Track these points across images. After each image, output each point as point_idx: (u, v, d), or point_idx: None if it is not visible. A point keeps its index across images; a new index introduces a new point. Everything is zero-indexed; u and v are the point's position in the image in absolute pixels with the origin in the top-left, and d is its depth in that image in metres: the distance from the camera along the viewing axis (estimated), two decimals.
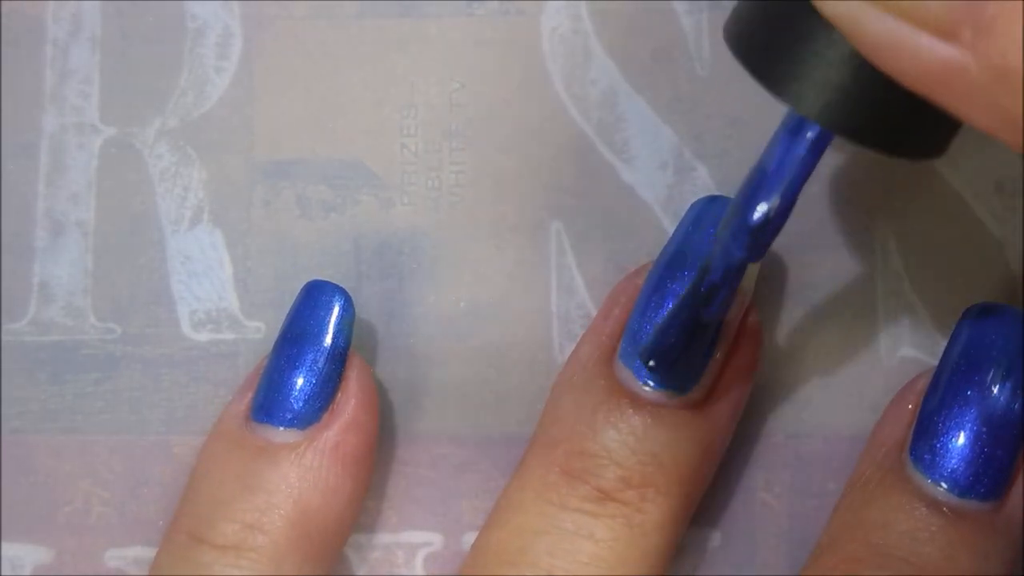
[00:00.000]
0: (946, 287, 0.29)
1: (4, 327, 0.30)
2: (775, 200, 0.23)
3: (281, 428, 0.27)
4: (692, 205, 0.28)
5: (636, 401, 0.26)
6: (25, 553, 0.30)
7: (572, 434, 0.26)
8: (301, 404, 0.27)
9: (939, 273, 0.29)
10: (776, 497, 0.29)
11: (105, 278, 0.30)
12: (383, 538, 0.29)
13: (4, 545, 0.30)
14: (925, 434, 0.26)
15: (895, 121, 0.21)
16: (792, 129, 0.23)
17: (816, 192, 0.30)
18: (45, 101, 0.31)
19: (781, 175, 0.23)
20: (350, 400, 0.27)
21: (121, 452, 0.30)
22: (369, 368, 0.28)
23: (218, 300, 0.30)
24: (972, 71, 0.18)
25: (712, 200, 0.28)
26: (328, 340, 0.28)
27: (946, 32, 0.18)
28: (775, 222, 0.23)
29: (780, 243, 0.30)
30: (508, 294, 0.30)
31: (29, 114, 0.31)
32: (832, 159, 0.30)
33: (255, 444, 0.27)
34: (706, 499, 0.28)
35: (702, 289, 0.25)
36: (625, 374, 0.27)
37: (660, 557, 0.26)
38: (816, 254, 0.30)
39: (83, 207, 0.31)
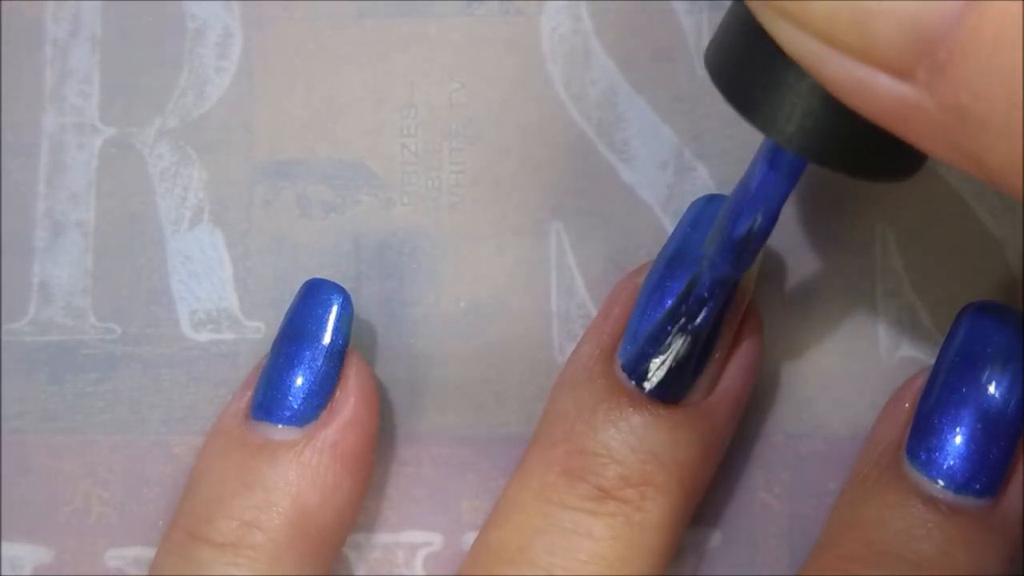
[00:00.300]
0: (946, 287, 0.29)
1: (4, 327, 0.30)
2: (757, 217, 0.24)
3: (280, 426, 0.27)
4: (691, 204, 0.28)
5: (636, 400, 0.26)
6: (25, 553, 0.30)
7: (572, 433, 0.26)
8: (300, 402, 0.27)
9: (939, 273, 0.29)
10: (776, 497, 0.29)
11: (105, 278, 0.30)
12: (383, 538, 0.29)
13: (4, 545, 0.30)
14: (921, 432, 0.26)
15: (865, 147, 0.22)
16: (768, 155, 0.24)
17: (816, 192, 0.30)
18: (45, 101, 0.31)
19: (762, 194, 0.24)
20: (349, 398, 0.27)
21: (121, 452, 0.30)
22: (368, 366, 0.28)
23: (218, 300, 0.30)
24: (929, 110, 0.18)
25: (711, 199, 0.28)
26: (326, 338, 0.28)
27: (902, 72, 0.19)
28: (758, 237, 0.25)
29: (780, 243, 0.30)
30: (508, 294, 0.30)
31: (29, 114, 0.31)
32: None
33: (254, 442, 0.27)
34: (706, 499, 0.28)
35: (689, 304, 0.26)
36: (624, 374, 0.27)
37: (660, 556, 0.26)
38: (816, 254, 0.30)
39: (83, 207, 0.31)
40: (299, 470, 0.27)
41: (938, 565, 0.25)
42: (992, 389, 0.26)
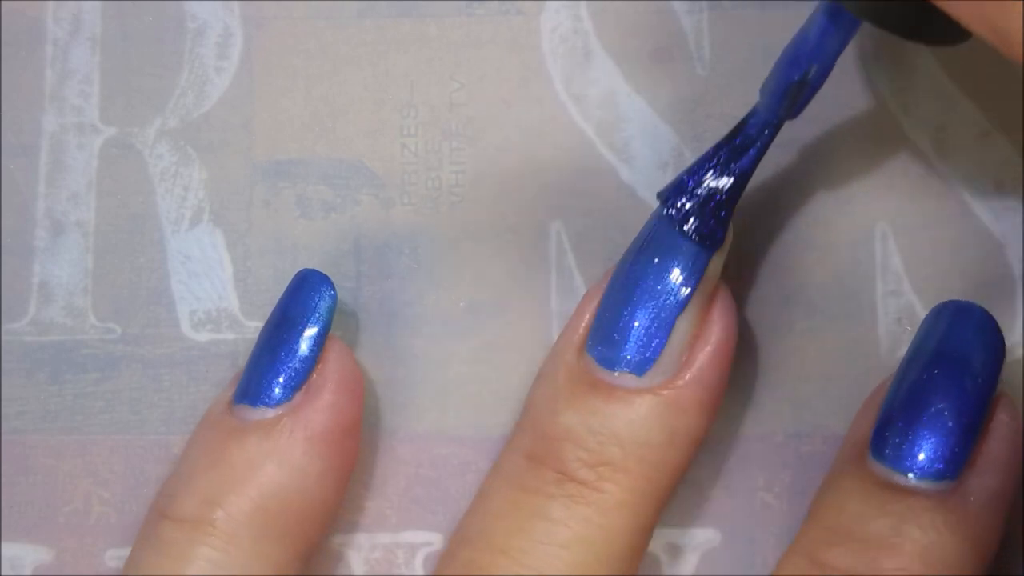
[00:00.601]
0: (946, 287, 0.29)
1: (4, 327, 0.30)
2: (812, 67, 0.26)
3: (257, 407, 0.27)
4: (658, 194, 0.28)
5: (597, 384, 0.27)
6: (25, 553, 0.30)
7: (537, 420, 0.27)
8: (274, 385, 0.27)
9: (939, 273, 0.29)
10: (776, 497, 0.29)
11: (105, 278, 0.30)
12: (383, 538, 0.29)
13: (4, 545, 0.30)
14: (883, 424, 0.26)
15: (916, 9, 0.23)
16: (826, 12, 0.25)
17: (816, 192, 0.30)
18: (45, 101, 0.31)
19: (819, 47, 0.26)
20: (325, 382, 0.28)
21: (121, 452, 0.30)
22: (351, 353, 0.28)
23: (218, 300, 0.30)
24: None
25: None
26: (306, 324, 0.28)
27: None
28: (811, 87, 0.26)
29: (780, 243, 0.30)
30: (508, 294, 0.30)
31: (29, 114, 0.31)
32: (833, 157, 0.30)
33: (229, 424, 0.27)
34: (706, 499, 0.28)
35: (736, 142, 0.27)
36: (589, 362, 0.27)
37: (623, 537, 0.26)
38: (816, 254, 0.30)
39: (83, 207, 0.31)
40: (266, 449, 0.27)
41: (889, 543, 0.25)
42: (951, 380, 0.26)
